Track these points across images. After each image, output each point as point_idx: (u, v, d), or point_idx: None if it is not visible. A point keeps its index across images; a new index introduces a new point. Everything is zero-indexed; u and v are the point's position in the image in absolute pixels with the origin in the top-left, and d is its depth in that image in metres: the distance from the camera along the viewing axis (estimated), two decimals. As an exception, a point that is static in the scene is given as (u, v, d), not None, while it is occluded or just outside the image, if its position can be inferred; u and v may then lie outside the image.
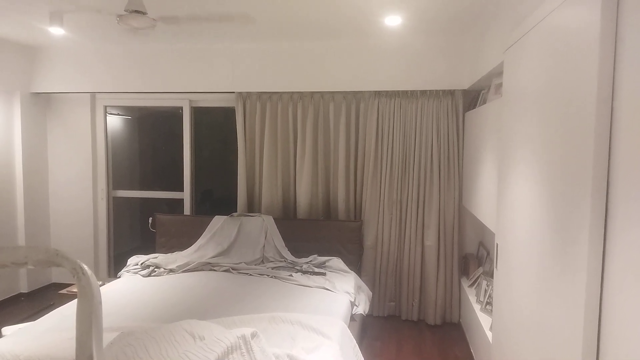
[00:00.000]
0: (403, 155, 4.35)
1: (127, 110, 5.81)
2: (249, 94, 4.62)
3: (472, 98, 4.28)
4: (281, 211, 4.63)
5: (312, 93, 4.49)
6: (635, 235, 1.25)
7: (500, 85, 3.11)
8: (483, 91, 3.85)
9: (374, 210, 4.43)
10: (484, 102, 3.65)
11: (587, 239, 1.46)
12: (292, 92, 4.51)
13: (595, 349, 1.46)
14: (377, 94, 4.36)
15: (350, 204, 4.52)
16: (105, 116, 5.18)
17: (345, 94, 4.44)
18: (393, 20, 3.66)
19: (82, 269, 0.84)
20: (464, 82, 4.21)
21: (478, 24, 3.75)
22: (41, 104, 5.09)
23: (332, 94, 4.46)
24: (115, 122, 5.66)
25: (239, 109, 4.62)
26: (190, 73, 4.63)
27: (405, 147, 4.35)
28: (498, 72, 3.20)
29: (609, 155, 1.42)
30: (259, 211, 4.66)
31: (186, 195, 5.04)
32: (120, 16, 2.95)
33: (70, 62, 4.82)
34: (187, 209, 5.04)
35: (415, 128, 4.30)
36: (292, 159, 4.60)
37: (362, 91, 4.39)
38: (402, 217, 4.39)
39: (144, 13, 2.96)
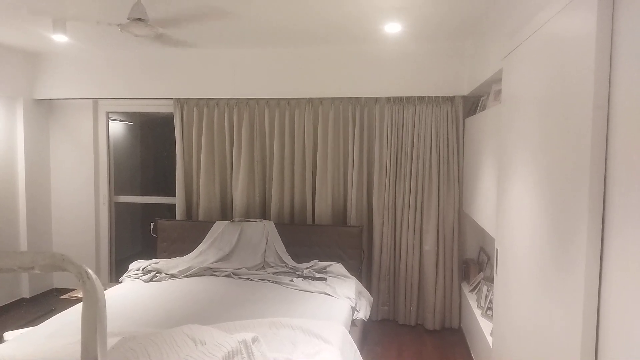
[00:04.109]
0: (396, 160, 4.36)
1: (129, 116, 5.85)
2: (186, 100, 4.66)
3: (472, 104, 4.30)
4: (219, 216, 4.70)
5: (256, 100, 4.55)
6: (633, 239, 1.27)
7: (499, 91, 3.13)
8: (483, 97, 3.87)
9: (337, 214, 4.51)
10: (484, 108, 3.67)
11: (585, 243, 1.48)
12: (229, 99, 4.58)
13: (594, 355, 1.47)
14: (368, 100, 4.41)
15: (285, 207, 4.57)
16: (108, 122, 5.21)
17: (333, 99, 4.46)
18: (393, 28, 3.69)
19: (87, 273, 0.86)
20: (464, 88, 4.23)
21: (477, 31, 3.78)
22: (44, 110, 5.12)
23: (308, 100, 4.49)
24: (117, 127, 5.69)
25: (177, 116, 4.66)
26: (191, 79, 4.66)
27: (401, 153, 4.36)
28: (497, 79, 3.22)
29: (606, 161, 1.44)
30: (197, 216, 4.71)
31: (187, 200, 5.05)
32: (122, 24, 2.99)
33: (73, 68, 4.85)
34: (188, 215, 5.05)
35: (414, 133, 4.31)
36: (229, 165, 4.67)
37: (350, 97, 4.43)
38: (397, 223, 4.40)
39: (146, 21, 3.00)
